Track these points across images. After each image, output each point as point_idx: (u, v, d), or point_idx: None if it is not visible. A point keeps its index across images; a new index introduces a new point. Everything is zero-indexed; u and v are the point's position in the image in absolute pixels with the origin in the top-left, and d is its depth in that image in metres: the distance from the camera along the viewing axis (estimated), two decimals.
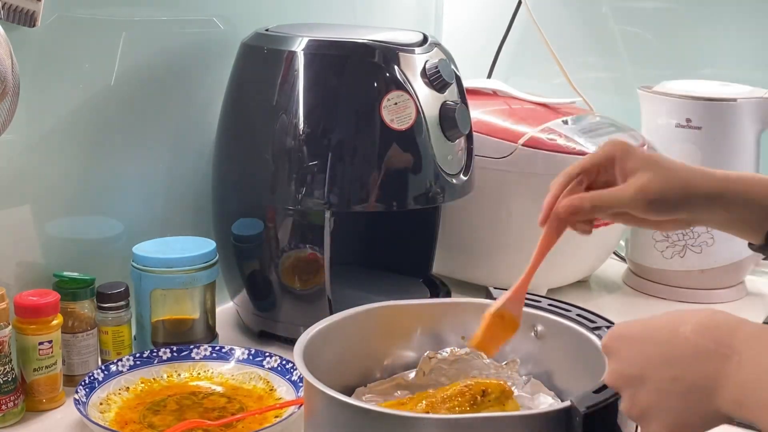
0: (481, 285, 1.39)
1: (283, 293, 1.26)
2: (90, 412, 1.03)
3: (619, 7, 1.72)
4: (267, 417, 1.05)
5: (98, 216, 1.27)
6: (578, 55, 1.75)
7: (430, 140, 1.20)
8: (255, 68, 1.24)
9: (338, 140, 1.17)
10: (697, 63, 1.64)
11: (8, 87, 0.99)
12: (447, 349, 1.00)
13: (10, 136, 1.09)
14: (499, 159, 1.38)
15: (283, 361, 1.14)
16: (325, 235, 1.20)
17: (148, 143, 1.31)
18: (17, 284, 1.14)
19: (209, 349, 1.18)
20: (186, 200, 1.37)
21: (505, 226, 1.42)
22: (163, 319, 1.22)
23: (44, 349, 1.07)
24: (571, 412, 0.76)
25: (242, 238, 1.26)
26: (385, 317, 1.01)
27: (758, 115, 1.44)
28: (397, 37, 1.23)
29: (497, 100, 1.52)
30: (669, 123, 1.48)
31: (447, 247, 1.43)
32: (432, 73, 1.20)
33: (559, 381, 0.97)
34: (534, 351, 0.99)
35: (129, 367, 1.13)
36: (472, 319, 1.01)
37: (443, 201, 1.25)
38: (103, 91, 1.23)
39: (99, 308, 1.16)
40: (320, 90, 1.19)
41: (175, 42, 1.31)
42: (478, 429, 0.78)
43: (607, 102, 1.66)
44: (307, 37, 1.20)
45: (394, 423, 0.79)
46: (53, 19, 1.13)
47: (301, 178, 1.18)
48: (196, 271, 1.19)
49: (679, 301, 1.48)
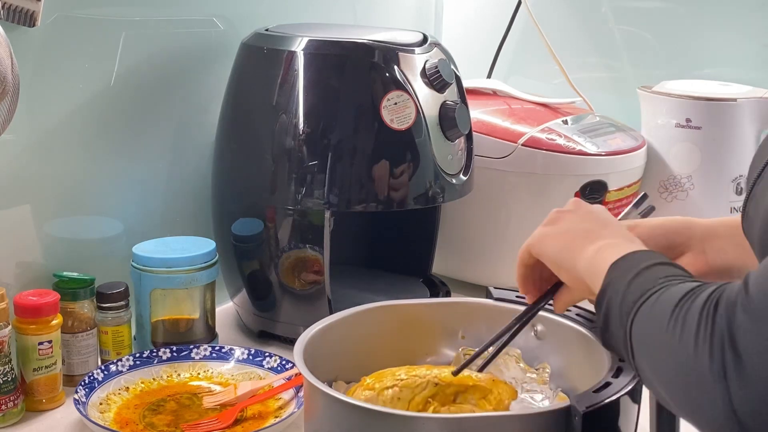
0: (481, 285, 1.39)
1: (282, 293, 1.26)
2: (90, 412, 1.03)
3: (619, 7, 1.72)
4: (267, 417, 1.05)
5: (98, 216, 1.27)
6: (578, 55, 1.75)
7: (430, 140, 1.20)
8: (255, 68, 1.24)
9: (338, 140, 1.17)
10: (697, 63, 1.64)
11: (8, 87, 0.99)
12: None
13: (10, 136, 1.09)
14: (499, 159, 1.38)
15: (282, 361, 1.14)
16: (325, 235, 1.20)
17: (148, 143, 1.31)
18: (17, 284, 1.14)
19: (209, 349, 1.18)
20: (186, 200, 1.37)
21: (505, 226, 1.42)
22: (163, 319, 1.22)
23: (44, 349, 1.07)
24: (571, 412, 0.76)
25: (242, 238, 1.26)
26: (385, 317, 1.01)
27: (758, 115, 1.44)
28: (397, 37, 1.23)
29: (497, 100, 1.52)
30: (669, 123, 1.48)
31: (447, 247, 1.43)
32: (432, 73, 1.20)
33: (559, 380, 0.97)
34: (534, 350, 0.99)
35: (129, 367, 1.13)
36: (472, 319, 1.02)
37: (443, 201, 1.25)
38: (103, 91, 1.23)
39: (99, 308, 1.16)
40: (320, 90, 1.19)
41: (175, 42, 1.31)
42: (478, 429, 0.78)
43: (607, 102, 1.66)
44: (307, 37, 1.20)
45: (394, 422, 0.79)
46: (53, 19, 1.13)
47: (301, 178, 1.18)
48: (196, 271, 1.19)
49: None
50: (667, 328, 0.65)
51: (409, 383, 0.89)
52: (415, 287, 1.40)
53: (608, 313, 0.75)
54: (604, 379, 0.81)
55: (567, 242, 0.85)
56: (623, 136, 1.46)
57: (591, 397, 0.76)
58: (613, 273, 0.76)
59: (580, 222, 0.86)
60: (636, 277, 0.73)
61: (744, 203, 0.83)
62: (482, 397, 0.89)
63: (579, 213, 0.88)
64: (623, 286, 0.73)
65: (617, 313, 0.73)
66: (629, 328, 0.70)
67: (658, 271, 0.73)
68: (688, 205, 1.45)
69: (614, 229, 0.85)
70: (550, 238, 0.87)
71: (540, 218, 0.93)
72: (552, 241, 0.87)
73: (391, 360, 0.97)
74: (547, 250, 0.87)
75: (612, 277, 0.76)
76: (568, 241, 0.85)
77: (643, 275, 0.73)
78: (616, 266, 0.76)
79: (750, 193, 0.82)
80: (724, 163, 1.43)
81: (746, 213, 0.83)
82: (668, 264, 0.75)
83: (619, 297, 0.73)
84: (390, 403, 0.88)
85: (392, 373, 0.91)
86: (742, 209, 0.84)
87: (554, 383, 0.96)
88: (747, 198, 0.83)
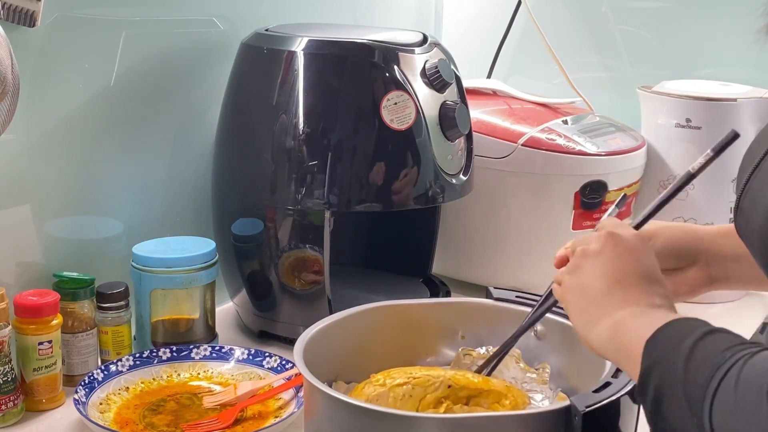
0: (481, 285, 1.39)
1: (282, 293, 1.26)
2: (90, 412, 1.03)
3: (619, 7, 1.72)
4: (267, 417, 1.05)
5: (98, 216, 1.27)
6: (578, 55, 1.75)
7: (430, 140, 1.20)
8: (255, 68, 1.24)
9: (338, 140, 1.17)
10: (697, 63, 1.64)
11: (8, 87, 0.99)
12: (483, 348, 1.00)
13: (10, 136, 1.09)
14: (499, 159, 1.38)
15: (282, 361, 1.14)
16: (325, 235, 1.20)
17: (148, 143, 1.31)
18: (17, 284, 1.14)
19: (209, 349, 1.18)
20: (186, 200, 1.37)
21: (505, 225, 1.42)
22: (163, 319, 1.22)
23: (44, 349, 1.07)
24: (571, 412, 0.76)
25: (242, 238, 1.26)
26: (385, 317, 1.01)
27: (758, 115, 1.44)
28: (397, 37, 1.23)
29: (497, 100, 1.52)
30: (669, 123, 1.48)
31: (447, 247, 1.43)
32: (432, 73, 1.20)
33: (559, 380, 0.97)
34: (534, 350, 0.99)
35: (129, 367, 1.13)
36: (472, 319, 1.02)
37: (443, 201, 1.25)
38: (103, 91, 1.23)
39: (99, 308, 1.16)
40: (320, 90, 1.19)
41: (175, 42, 1.31)
42: (478, 429, 0.78)
43: (606, 102, 1.66)
44: (307, 37, 1.20)
45: (394, 422, 0.79)
46: (53, 19, 1.13)
47: (301, 178, 1.18)
48: (196, 271, 1.19)
49: (679, 300, 1.48)
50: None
51: (422, 381, 0.89)
52: (415, 287, 1.40)
53: (661, 399, 0.67)
54: (604, 379, 0.81)
55: (582, 306, 0.80)
56: (623, 136, 1.46)
57: (591, 397, 0.77)
58: (653, 352, 0.69)
59: (601, 276, 0.80)
60: (691, 355, 0.65)
61: (738, 199, 0.83)
62: (495, 401, 0.89)
63: (603, 257, 0.80)
64: (678, 368, 0.65)
65: (681, 400, 0.64)
66: (708, 417, 0.62)
67: (713, 343, 0.66)
68: (688, 205, 1.45)
69: (632, 287, 0.78)
70: (569, 292, 0.82)
71: (540, 218, 0.93)
72: (570, 296, 0.82)
73: (391, 360, 0.97)
74: (567, 306, 0.83)
75: (655, 358, 0.68)
76: (583, 305, 0.80)
77: (698, 351, 0.65)
78: (654, 344, 0.69)
79: (744, 188, 0.82)
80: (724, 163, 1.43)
81: (740, 208, 0.82)
82: (716, 331, 0.68)
83: (677, 380, 0.65)
84: (401, 400, 0.88)
85: (404, 371, 0.91)
86: (735, 205, 0.84)
87: (554, 383, 0.96)
88: (741, 193, 0.82)
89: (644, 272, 0.79)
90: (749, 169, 0.82)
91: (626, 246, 0.80)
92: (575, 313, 0.81)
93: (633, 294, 0.77)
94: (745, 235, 0.83)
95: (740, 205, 0.82)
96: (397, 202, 1.20)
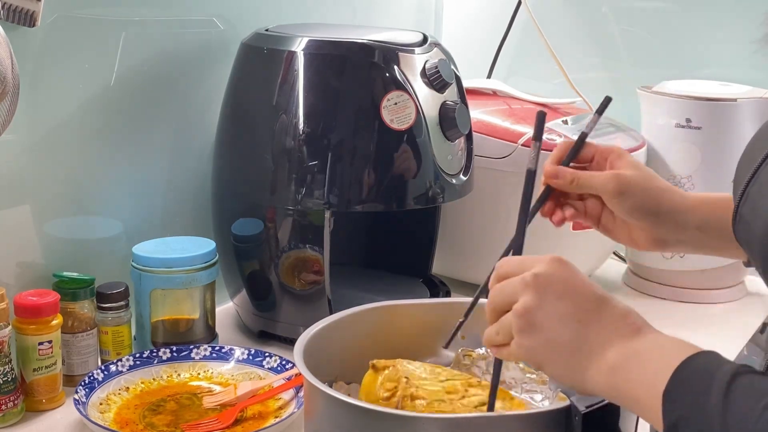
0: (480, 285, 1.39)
1: (282, 293, 1.26)
2: (90, 412, 1.03)
3: (619, 7, 1.72)
4: (267, 417, 1.05)
5: (98, 216, 1.27)
6: (578, 55, 1.75)
7: (430, 140, 1.20)
8: (255, 68, 1.24)
9: (338, 140, 1.17)
10: (697, 63, 1.64)
11: (8, 87, 0.99)
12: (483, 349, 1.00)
13: (10, 136, 1.09)
14: (499, 159, 1.38)
15: (282, 361, 1.14)
16: (325, 235, 1.20)
17: (148, 143, 1.31)
18: (17, 284, 1.14)
19: (209, 349, 1.18)
20: (186, 200, 1.37)
21: (505, 226, 1.41)
22: (163, 319, 1.22)
23: (44, 349, 1.07)
24: (571, 412, 0.76)
25: (242, 238, 1.26)
26: (385, 317, 1.01)
27: (758, 115, 1.44)
28: (397, 37, 1.23)
29: (497, 100, 1.52)
30: (669, 123, 1.48)
31: (447, 247, 1.43)
32: (432, 73, 1.20)
33: None
34: None
35: (129, 367, 1.13)
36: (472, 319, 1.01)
37: (443, 201, 1.25)
38: (103, 91, 1.23)
39: (99, 308, 1.16)
40: (320, 90, 1.19)
41: (175, 42, 1.31)
42: (478, 429, 0.78)
43: None
44: (307, 37, 1.20)
45: (394, 422, 0.79)
46: (53, 19, 1.13)
47: (301, 178, 1.18)
48: (196, 271, 1.19)
49: (679, 301, 1.48)
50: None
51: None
52: (415, 287, 1.40)
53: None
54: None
55: (560, 362, 0.73)
56: (623, 136, 1.46)
57: (591, 397, 0.76)
58: (677, 408, 0.65)
59: (560, 325, 0.73)
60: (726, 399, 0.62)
61: (736, 205, 0.82)
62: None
63: (548, 306, 0.73)
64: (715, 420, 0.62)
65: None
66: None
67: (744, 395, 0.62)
68: None
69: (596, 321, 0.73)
70: (538, 354, 0.74)
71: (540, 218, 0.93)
72: (541, 357, 0.74)
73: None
74: (541, 367, 0.75)
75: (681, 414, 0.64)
76: (560, 361, 0.73)
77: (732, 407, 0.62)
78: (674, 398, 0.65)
79: (743, 194, 0.81)
80: (724, 164, 1.43)
81: (740, 215, 0.81)
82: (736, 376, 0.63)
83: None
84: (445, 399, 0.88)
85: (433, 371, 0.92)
86: (734, 212, 0.83)
87: (554, 383, 0.96)
88: (740, 200, 0.82)
89: (596, 299, 0.74)
90: (747, 175, 0.81)
91: (561, 281, 0.74)
92: (556, 370, 0.74)
93: (604, 326, 0.72)
94: (745, 243, 0.83)
95: (739, 211, 0.82)
96: (397, 202, 1.20)
